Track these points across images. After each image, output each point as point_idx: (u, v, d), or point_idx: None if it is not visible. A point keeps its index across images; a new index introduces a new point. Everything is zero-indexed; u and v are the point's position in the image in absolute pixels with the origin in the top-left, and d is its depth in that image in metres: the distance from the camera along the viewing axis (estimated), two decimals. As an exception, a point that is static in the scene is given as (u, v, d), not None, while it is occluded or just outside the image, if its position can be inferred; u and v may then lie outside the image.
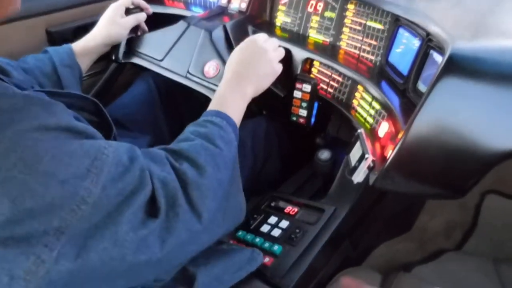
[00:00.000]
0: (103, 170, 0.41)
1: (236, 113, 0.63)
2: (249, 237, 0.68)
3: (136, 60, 0.92)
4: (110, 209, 0.41)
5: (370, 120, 0.72)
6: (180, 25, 0.87)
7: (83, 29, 0.97)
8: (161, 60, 0.88)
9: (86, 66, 0.86)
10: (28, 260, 0.37)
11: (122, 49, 0.92)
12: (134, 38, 0.92)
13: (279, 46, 0.75)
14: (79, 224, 0.39)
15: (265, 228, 0.70)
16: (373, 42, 0.81)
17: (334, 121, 0.99)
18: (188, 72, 0.84)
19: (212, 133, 0.56)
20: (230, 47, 0.84)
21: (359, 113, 0.75)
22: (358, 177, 0.64)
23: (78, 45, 0.84)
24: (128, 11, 0.91)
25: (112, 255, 0.42)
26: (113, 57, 0.92)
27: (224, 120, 0.59)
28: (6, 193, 0.36)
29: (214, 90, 0.80)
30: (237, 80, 0.66)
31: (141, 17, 0.93)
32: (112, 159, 0.42)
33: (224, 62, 0.80)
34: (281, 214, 0.73)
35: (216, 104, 0.63)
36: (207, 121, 0.59)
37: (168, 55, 0.87)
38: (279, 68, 0.72)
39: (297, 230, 0.68)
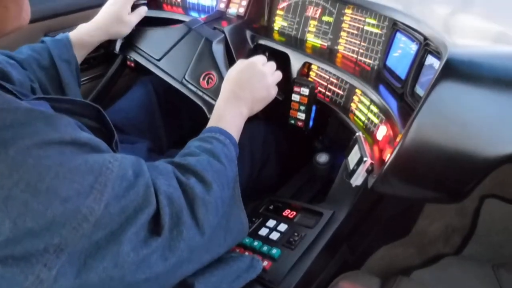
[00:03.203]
0: (107, 186, 0.40)
1: (235, 132, 0.64)
2: (247, 240, 0.67)
3: (133, 55, 0.91)
4: (112, 227, 0.41)
5: (368, 123, 0.72)
6: (182, 28, 0.87)
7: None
8: (158, 60, 0.88)
9: (81, 58, 0.84)
10: (26, 280, 0.37)
11: (119, 41, 0.91)
12: (133, 30, 0.92)
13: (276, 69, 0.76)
14: (79, 242, 0.38)
15: (263, 232, 0.69)
16: (371, 46, 0.81)
17: (332, 125, 0.99)
18: (184, 78, 0.84)
19: (217, 149, 0.57)
20: (229, 59, 0.84)
21: (357, 117, 0.75)
22: (356, 180, 0.64)
23: (77, 36, 0.81)
24: (133, 5, 0.89)
25: (112, 275, 0.41)
26: (110, 48, 0.92)
27: (227, 138, 0.60)
28: (7, 213, 0.35)
29: (207, 101, 0.81)
30: (235, 100, 0.67)
31: (143, 11, 0.93)
32: (117, 174, 0.42)
33: (220, 75, 0.81)
34: (280, 218, 0.73)
35: (216, 121, 0.64)
36: (212, 137, 0.60)
37: (166, 56, 0.87)
38: (274, 92, 0.74)
39: (296, 234, 0.67)
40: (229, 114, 0.65)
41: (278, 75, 0.76)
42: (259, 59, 0.73)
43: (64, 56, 0.78)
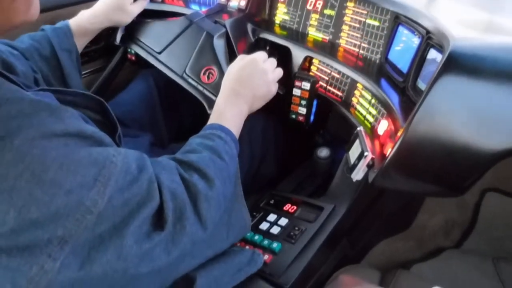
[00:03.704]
0: (111, 179, 0.40)
1: (236, 130, 0.64)
2: (248, 234, 0.67)
3: (133, 47, 0.91)
4: (115, 220, 0.41)
5: (369, 118, 0.72)
6: (183, 21, 0.87)
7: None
8: (159, 53, 0.87)
9: (82, 46, 0.84)
10: (31, 270, 0.37)
11: (120, 32, 0.91)
12: (134, 22, 0.91)
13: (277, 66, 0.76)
14: (83, 234, 0.39)
15: (264, 226, 0.70)
16: (373, 40, 0.81)
17: (333, 119, 0.99)
18: (184, 72, 0.84)
19: (218, 146, 0.57)
20: (230, 54, 0.84)
21: (358, 111, 0.75)
22: (357, 175, 0.64)
23: (77, 23, 0.81)
24: None
25: (115, 267, 0.41)
26: (110, 39, 0.91)
27: (228, 135, 0.60)
28: (12, 203, 0.35)
29: (207, 96, 0.81)
30: (235, 98, 0.67)
31: (145, 2, 0.93)
32: (121, 168, 0.42)
33: (221, 70, 0.80)
34: (280, 212, 0.73)
35: (217, 119, 0.64)
36: (213, 134, 0.60)
37: (167, 50, 0.87)
38: (275, 90, 0.73)
39: (296, 228, 0.68)
40: (230, 112, 0.65)
41: (279, 72, 0.75)
42: (260, 56, 0.73)
43: (65, 45, 0.77)
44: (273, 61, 0.75)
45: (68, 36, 0.78)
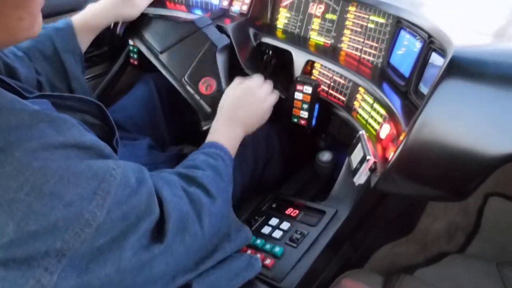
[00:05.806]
0: (110, 193, 0.40)
1: (231, 152, 0.66)
2: (250, 238, 0.67)
3: (136, 42, 0.90)
4: (114, 233, 0.41)
5: (371, 121, 0.72)
6: (189, 25, 0.86)
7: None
8: (160, 53, 0.87)
9: (87, 44, 0.82)
10: (27, 284, 0.37)
11: (123, 25, 0.90)
12: (140, 17, 0.89)
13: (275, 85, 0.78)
14: (81, 247, 0.39)
15: (266, 230, 0.70)
16: (374, 44, 0.81)
17: (335, 123, 0.99)
18: (183, 77, 0.85)
19: (221, 167, 0.60)
20: (231, 66, 0.84)
21: (360, 115, 0.75)
22: (359, 179, 0.64)
23: (81, 20, 0.79)
24: None
25: (113, 279, 0.42)
26: (112, 27, 0.89)
27: (229, 159, 0.63)
28: (11, 215, 0.35)
29: (202, 107, 0.83)
30: (232, 123, 0.69)
31: None
32: (120, 181, 0.42)
33: (220, 84, 0.82)
34: (282, 216, 0.73)
35: (214, 140, 0.66)
36: (217, 154, 0.62)
37: (169, 51, 0.87)
38: (268, 116, 0.76)
39: (298, 232, 0.68)
40: (226, 135, 0.67)
41: (275, 97, 0.77)
42: (257, 82, 0.74)
43: (68, 47, 0.76)
44: (269, 86, 0.76)
45: (72, 37, 0.77)
